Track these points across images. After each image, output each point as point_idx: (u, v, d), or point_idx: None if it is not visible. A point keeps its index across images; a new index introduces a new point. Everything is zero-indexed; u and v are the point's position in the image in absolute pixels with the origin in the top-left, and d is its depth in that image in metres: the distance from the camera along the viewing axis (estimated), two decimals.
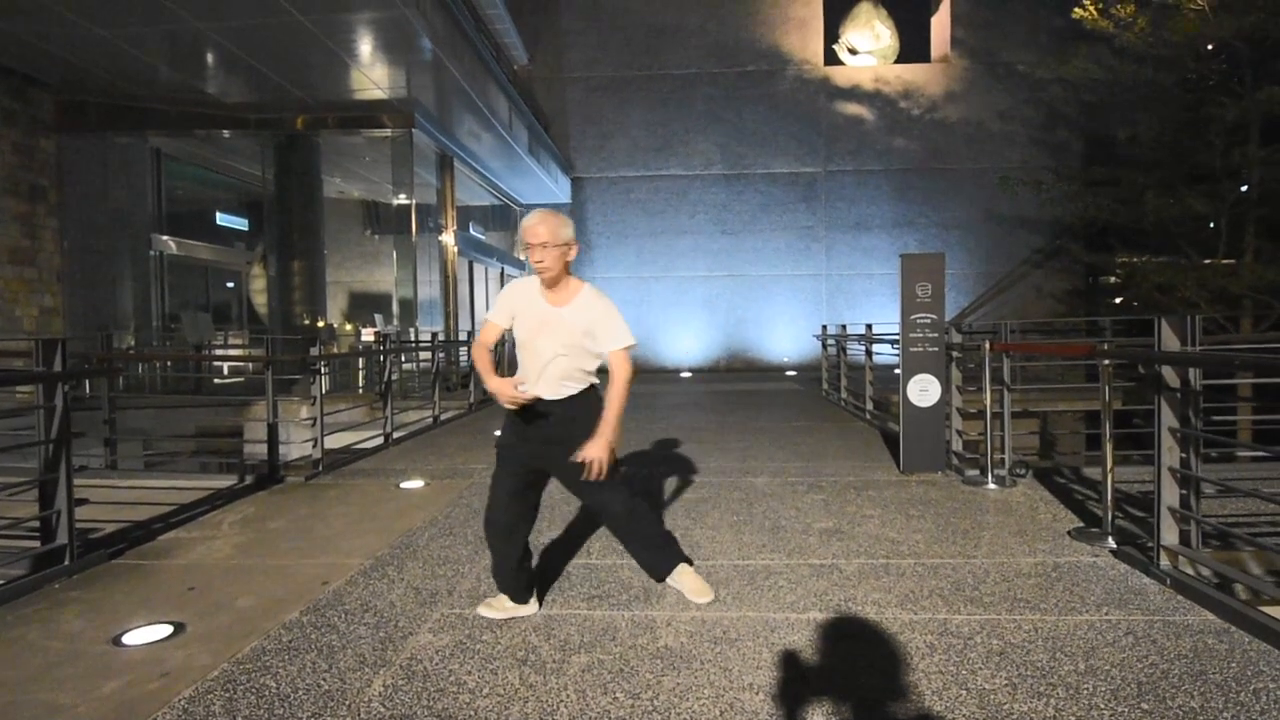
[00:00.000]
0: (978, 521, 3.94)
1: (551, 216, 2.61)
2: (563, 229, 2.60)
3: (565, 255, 2.62)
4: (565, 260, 2.62)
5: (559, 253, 2.59)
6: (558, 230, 2.58)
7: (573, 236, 2.64)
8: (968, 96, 16.50)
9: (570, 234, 2.63)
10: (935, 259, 5.07)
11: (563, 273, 2.63)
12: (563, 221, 2.62)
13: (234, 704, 2.12)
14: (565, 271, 2.64)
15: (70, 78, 10.25)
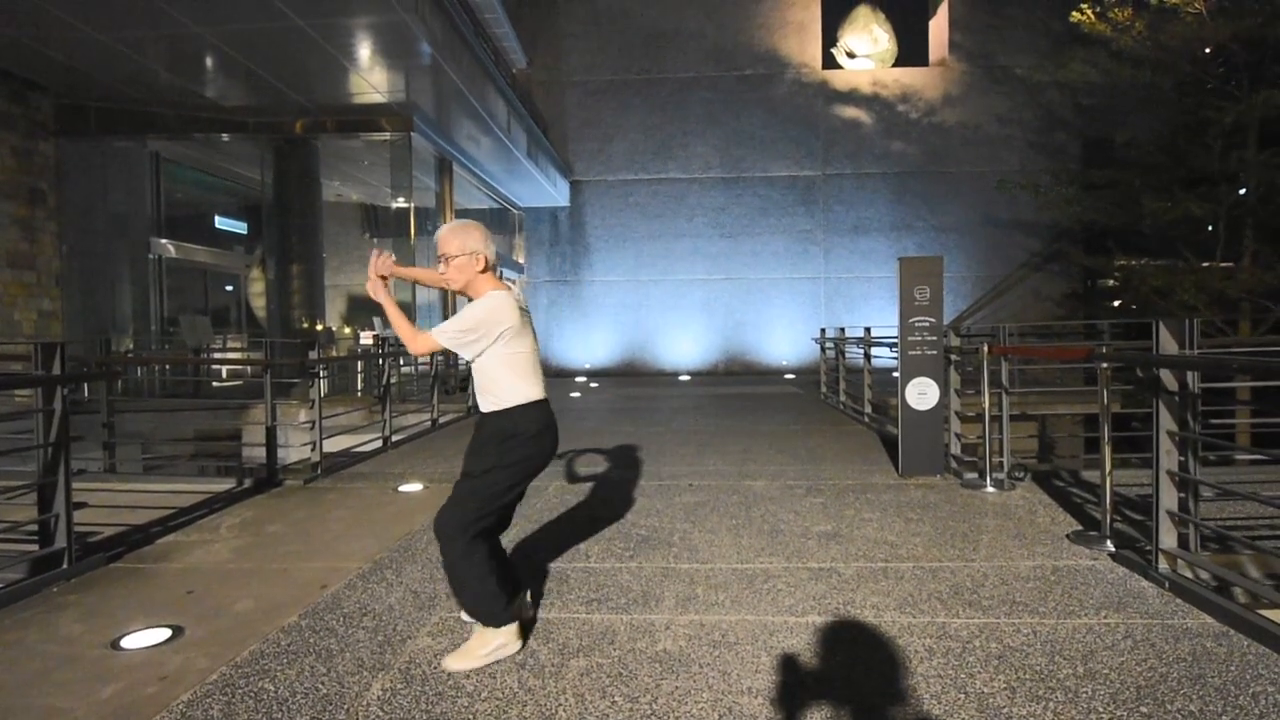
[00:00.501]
0: (976, 525, 3.94)
1: (459, 229, 2.53)
2: (468, 239, 2.50)
3: (473, 265, 2.51)
4: (475, 270, 2.52)
5: (465, 263, 2.50)
6: (463, 240, 2.50)
7: (478, 247, 2.51)
8: (965, 100, 16.54)
9: (477, 244, 2.51)
10: (934, 262, 5.08)
11: (472, 283, 2.52)
12: (467, 232, 2.52)
13: (232, 708, 2.12)
14: (475, 280, 2.53)
15: (69, 82, 10.26)
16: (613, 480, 5.20)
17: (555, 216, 17.20)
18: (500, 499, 2.50)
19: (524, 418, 2.51)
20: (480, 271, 2.53)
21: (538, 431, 2.52)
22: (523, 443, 2.50)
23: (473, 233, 2.52)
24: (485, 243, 2.54)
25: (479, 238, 2.52)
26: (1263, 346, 7.56)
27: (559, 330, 17.35)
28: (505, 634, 2.44)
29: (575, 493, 4.82)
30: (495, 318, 2.44)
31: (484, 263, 2.53)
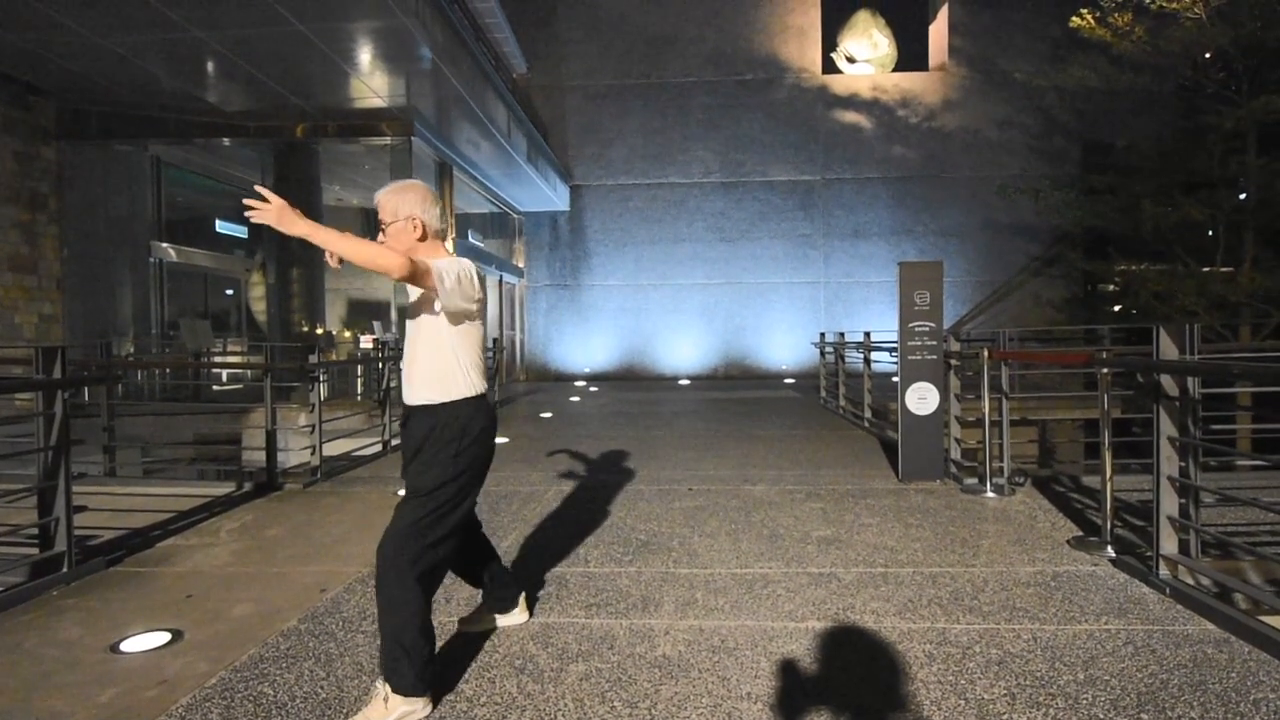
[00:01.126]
0: (976, 530, 3.93)
1: (395, 190, 2.20)
2: (402, 203, 2.17)
3: (409, 233, 2.18)
4: (413, 238, 2.19)
5: (399, 229, 2.18)
6: (396, 204, 2.17)
7: (416, 211, 2.18)
8: (965, 105, 16.58)
9: (412, 208, 2.18)
10: (933, 267, 5.08)
11: (412, 252, 2.15)
12: (402, 194, 2.18)
13: (231, 712, 2.12)
14: (416, 250, 2.18)
15: (71, 86, 10.28)
16: (612, 484, 5.20)
17: (555, 221, 17.22)
18: (459, 516, 2.18)
19: (477, 412, 2.21)
20: (420, 240, 2.20)
21: (485, 427, 2.23)
22: (474, 442, 2.19)
23: (408, 194, 2.18)
24: (424, 206, 2.19)
25: (415, 199, 2.18)
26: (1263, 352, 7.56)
27: (558, 334, 17.36)
28: (417, 702, 2.05)
29: (575, 497, 4.82)
30: (475, 279, 2.13)
31: (423, 230, 2.19)
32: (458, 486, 2.16)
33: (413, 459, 2.19)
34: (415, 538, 2.08)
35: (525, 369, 17.28)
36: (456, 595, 3.05)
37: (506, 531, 4.00)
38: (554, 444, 7.18)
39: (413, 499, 2.14)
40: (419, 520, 2.10)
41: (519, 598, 2.69)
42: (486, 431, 2.25)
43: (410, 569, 2.06)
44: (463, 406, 2.18)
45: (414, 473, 2.17)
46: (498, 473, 5.67)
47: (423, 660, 2.05)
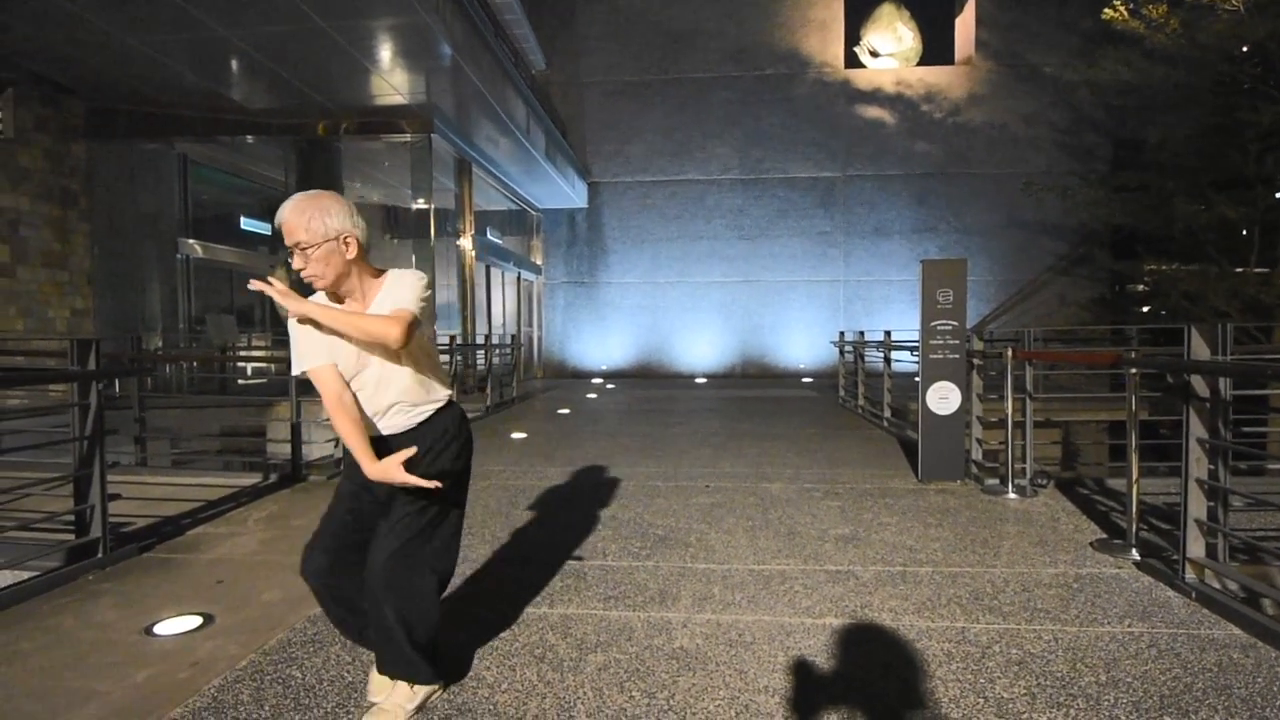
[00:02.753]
0: (997, 531, 3.91)
1: (307, 203, 1.86)
2: (327, 218, 1.85)
3: (342, 253, 1.88)
4: (346, 259, 1.89)
5: (330, 251, 1.86)
6: (320, 222, 1.84)
7: (345, 224, 1.87)
8: (992, 99, 16.36)
9: (339, 222, 1.86)
10: (957, 264, 5.04)
11: (345, 276, 1.92)
12: (323, 207, 1.85)
13: (261, 693, 2.17)
14: (349, 272, 1.92)
15: (99, 85, 10.48)
16: (630, 480, 5.22)
17: (573, 218, 17.27)
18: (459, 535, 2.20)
19: (460, 415, 2.18)
20: (354, 260, 1.91)
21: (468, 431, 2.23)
22: (464, 446, 2.14)
23: (332, 207, 1.86)
24: (353, 218, 1.90)
25: (342, 211, 1.88)
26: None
27: (575, 332, 17.41)
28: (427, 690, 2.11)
29: (592, 492, 4.85)
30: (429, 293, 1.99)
31: (356, 247, 1.90)
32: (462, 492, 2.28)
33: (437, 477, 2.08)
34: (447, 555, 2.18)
35: (542, 366, 17.36)
36: (480, 586, 3.08)
37: (525, 525, 4.03)
38: (572, 440, 7.22)
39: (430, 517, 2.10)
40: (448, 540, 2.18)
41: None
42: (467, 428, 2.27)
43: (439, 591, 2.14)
44: (456, 410, 2.22)
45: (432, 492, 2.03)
46: (516, 467, 5.73)
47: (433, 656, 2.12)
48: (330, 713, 2.07)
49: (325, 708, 2.09)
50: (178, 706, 2.10)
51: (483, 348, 10.89)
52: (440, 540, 2.12)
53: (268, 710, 2.08)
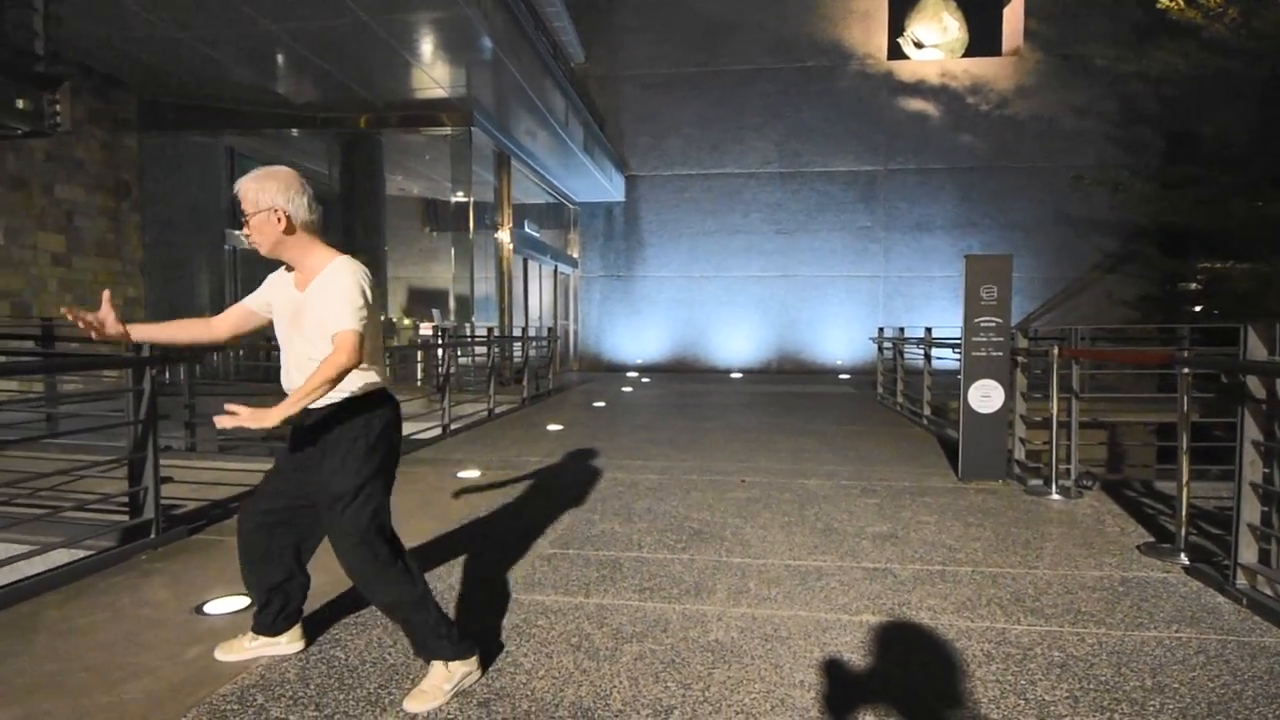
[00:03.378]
0: (1040, 532, 3.83)
1: (256, 177, 2.03)
2: (263, 192, 2.00)
3: (273, 225, 2.01)
4: (278, 231, 2.02)
5: (262, 221, 2.01)
6: (257, 194, 2.00)
7: (279, 201, 2.00)
8: (1040, 91, 15.91)
9: (274, 198, 2.00)
10: (1002, 260, 4.93)
11: (281, 246, 2.05)
12: (263, 183, 2.01)
13: (307, 672, 2.24)
14: (284, 243, 2.05)
15: (151, 79, 10.80)
16: (664, 474, 5.23)
17: (610, 211, 17.30)
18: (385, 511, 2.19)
19: (378, 405, 2.19)
20: (287, 233, 2.03)
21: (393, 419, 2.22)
22: (380, 436, 2.17)
23: (268, 182, 2.01)
24: (287, 195, 2.02)
25: (276, 188, 2.01)
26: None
27: (611, 325, 17.46)
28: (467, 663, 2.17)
29: (627, 484, 4.87)
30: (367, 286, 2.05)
31: (287, 221, 2.02)
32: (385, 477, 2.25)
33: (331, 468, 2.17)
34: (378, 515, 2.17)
35: (578, 359, 17.46)
36: (515, 574, 3.13)
37: (561, 515, 4.07)
38: (607, 432, 7.26)
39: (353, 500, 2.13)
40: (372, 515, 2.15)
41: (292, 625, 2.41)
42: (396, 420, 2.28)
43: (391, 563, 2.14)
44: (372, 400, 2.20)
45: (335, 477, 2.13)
46: (552, 458, 5.78)
47: (436, 623, 2.12)
48: (373, 693, 2.12)
49: (368, 688, 2.15)
50: (227, 684, 2.17)
51: (520, 340, 10.99)
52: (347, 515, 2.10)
53: (313, 689, 2.14)
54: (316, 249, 2.09)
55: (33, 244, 10.07)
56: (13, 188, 9.70)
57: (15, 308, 9.68)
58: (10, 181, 9.67)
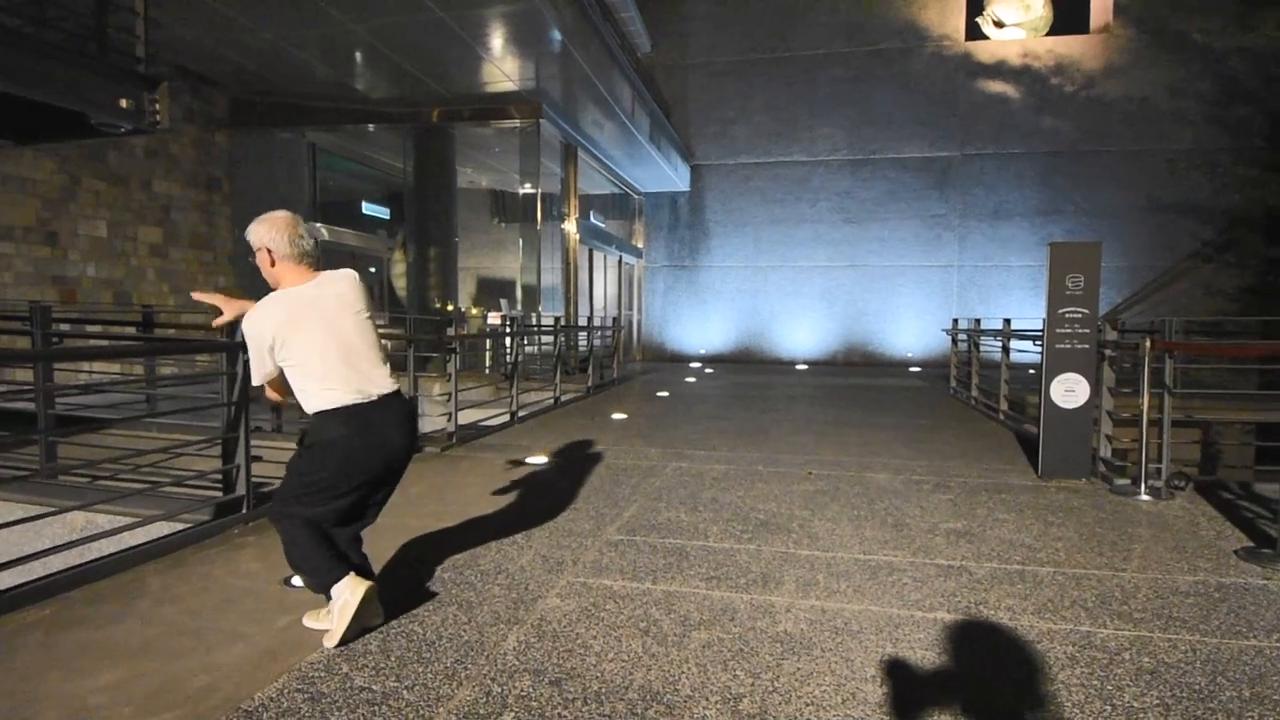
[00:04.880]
0: (1127, 534, 3.64)
1: (257, 220, 2.39)
2: (255, 235, 2.37)
3: (263, 258, 2.37)
4: (266, 266, 2.39)
5: (259, 260, 2.39)
6: (253, 238, 2.37)
7: (264, 240, 2.35)
8: (1131, 70, 14.99)
9: (260, 238, 2.35)
10: (1090, 248, 4.69)
11: (272, 281, 2.41)
12: (256, 226, 2.37)
13: (388, 645, 2.34)
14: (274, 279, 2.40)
15: (239, 78, 11.35)
16: (729, 464, 5.21)
17: (675, 201, 17.24)
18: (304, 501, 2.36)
19: (316, 428, 2.36)
20: (271, 266, 2.38)
21: (326, 444, 2.33)
22: (319, 455, 2.34)
23: (258, 227, 2.36)
24: (270, 236, 2.34)
25: (262, 231, 2.35)
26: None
27: (675, 315, 17.44)
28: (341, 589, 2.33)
29: (692, 474, 4.88)
30: (253, 333, 2.31)
31: (270, 258, 2.36)
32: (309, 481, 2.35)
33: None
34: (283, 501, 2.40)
35: (641, 349, 17.52)
36: (583, 559, 3.18)
37: (628, 503, 4.11)
38: (671, 422, 7.28)
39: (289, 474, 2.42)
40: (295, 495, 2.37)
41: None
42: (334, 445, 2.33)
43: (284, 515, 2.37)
44: (312, 420, 2.38)
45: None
46: (618, 447, 5.83)
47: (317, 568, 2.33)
48: (449, 668, 2.20)
49: (445, 662, 2.23)
50: (313, 652, 2.29)
51: (585, 330, 11.11)
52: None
53: (393, 661, 2.24)
54: (289, 281, 2.39)
55: (133, 236, 10.76)
56: (114, 183, 10.38)
57: (117, 296, 10.37)
58: (112, 178, 10.34)
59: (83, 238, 10.09)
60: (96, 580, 2.86)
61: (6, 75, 4.21)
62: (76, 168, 9.89)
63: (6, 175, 9.11)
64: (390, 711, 1.96)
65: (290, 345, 2.30)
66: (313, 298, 2.35)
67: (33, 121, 5.30)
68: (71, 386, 6.38)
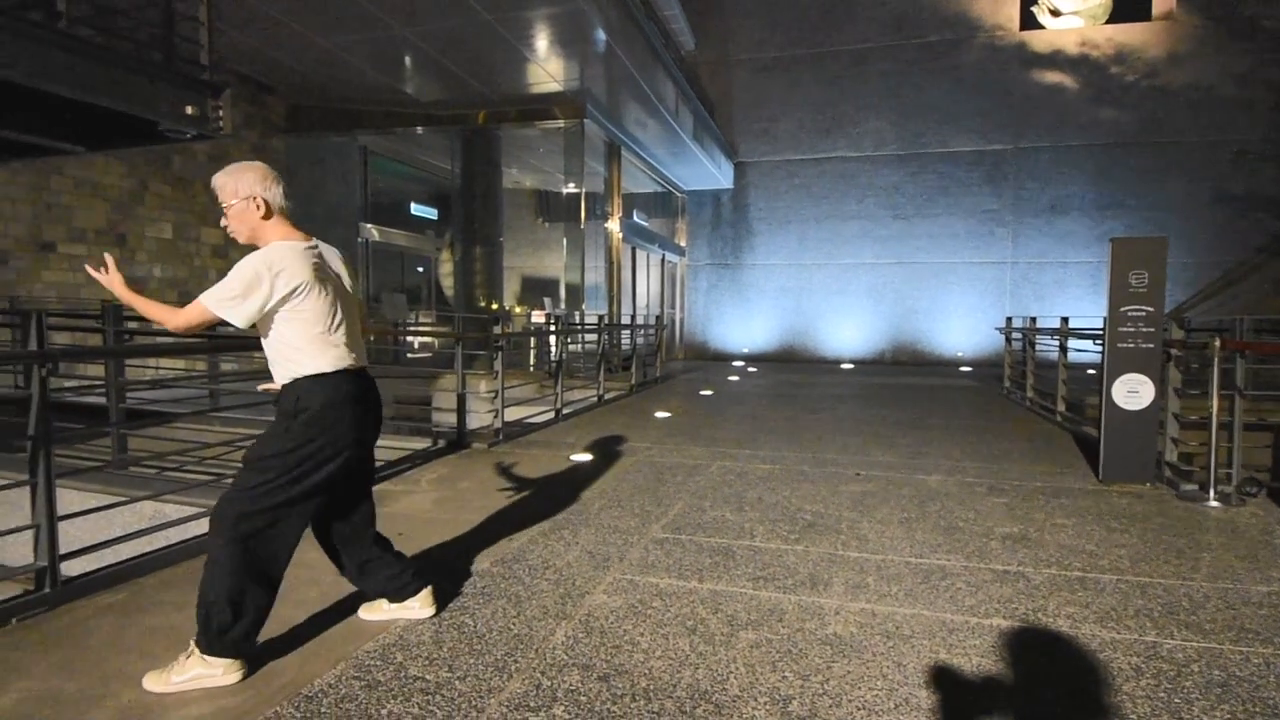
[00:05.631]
0: (1195, 541, 3.49)
1: (228, 172, 2.18)
2: (241, 182, 2.16)
3: (250, 213, 2.18)
4: (257, 217, 2.18)
5: (237, 212, 2.17)
6: (234, 184, 2.16)
7: (256, 188, 2.17)
8: (1196, 58, 14.34)
9: (253, 186, 2.17)
10: (1155, 243, 4.51)
11: (257, 234, 2.20)
12: (240, 174, 2.17)
13: (440, 636, 2.39)
14: (260, 231, 2.20)
15: (294, 84, 11.71)
16: (774, 463, 5.17)
17: (718, 199, 17.15)
18: (277, 495, 2.13)
19: (310, 392, 2.17)
20: (264, 218, 2.19)
21: (321, 408, 2.16)
22: (307, 424, 2.15)
23: (246, 174, 2.18)
24: (264, 184, 2.19)
25: (253, 178, 2.18)
26: None
27: (718, 314, 17.36)
28: (216, 665, 2.08)
29: (737, 472, 4.85)
30: (274, 270, 2.09)
31: (264, 207, 2.19)
32: (291, 462, 2.14)
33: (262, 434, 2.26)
34: (241, 502, 2.11)
35: (683, 348, 17.49)
36: (629, 555, 3.19)
37: (673, 501, 4.11)
38: (715, 420, 7.25)
39: (245, 467, 2.17)
40: (248, 487, 2.13)
41: (416, 590, 2.51)
42: (322, 409, 2.17)
43: (230, 530, 2.09)
44: (301, 385, 2.17)
45: (253, 443, 2.22)
46: (662, 445, 5.83)
47: (220, 623, 2.07)
48: (500, 660, 2.23)
49: (496, 654, 2.26)
50: (369, 641, 2.35)
51: (628, 328, 11.14)
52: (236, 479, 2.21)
53: (446, 651, 2.28)
54: (279, 234, 2.21)
55: (196, 237, 11.19)
56: (179, 187, 10.82)
57: (181, 295, 10.80)
58: (177, 181, 10.78)
59: (150, 239, 10.54)
60: (166, 567, 2.98)
61: (82, 85, 4.42)
62: (144, 173, 10.33)
63: (80, 180, 9.57)
64: (444, 701, 2.00)
65: (310, 296, 2.15)
66: (327, 255, 2.28)
67: (104, 128, 5.55)
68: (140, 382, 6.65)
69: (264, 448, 2.16)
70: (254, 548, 2.12)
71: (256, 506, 2.11)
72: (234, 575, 2.08)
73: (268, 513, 2.13)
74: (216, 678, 2.08)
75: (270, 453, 2.14)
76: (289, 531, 2.19)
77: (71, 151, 6.35)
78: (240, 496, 2.12)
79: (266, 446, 2.16)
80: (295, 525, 2.20)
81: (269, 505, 2.12)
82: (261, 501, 2.12)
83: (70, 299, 9.45)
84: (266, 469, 2.13)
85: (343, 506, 2.37)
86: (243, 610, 2.10)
